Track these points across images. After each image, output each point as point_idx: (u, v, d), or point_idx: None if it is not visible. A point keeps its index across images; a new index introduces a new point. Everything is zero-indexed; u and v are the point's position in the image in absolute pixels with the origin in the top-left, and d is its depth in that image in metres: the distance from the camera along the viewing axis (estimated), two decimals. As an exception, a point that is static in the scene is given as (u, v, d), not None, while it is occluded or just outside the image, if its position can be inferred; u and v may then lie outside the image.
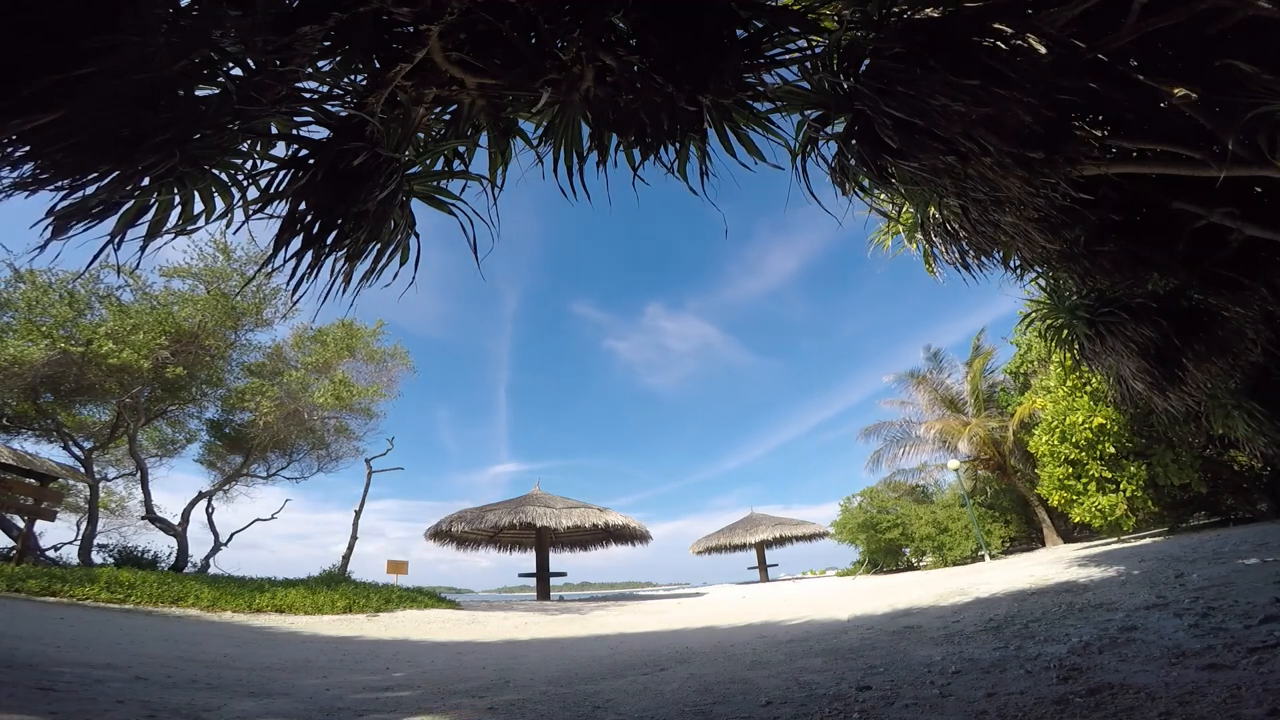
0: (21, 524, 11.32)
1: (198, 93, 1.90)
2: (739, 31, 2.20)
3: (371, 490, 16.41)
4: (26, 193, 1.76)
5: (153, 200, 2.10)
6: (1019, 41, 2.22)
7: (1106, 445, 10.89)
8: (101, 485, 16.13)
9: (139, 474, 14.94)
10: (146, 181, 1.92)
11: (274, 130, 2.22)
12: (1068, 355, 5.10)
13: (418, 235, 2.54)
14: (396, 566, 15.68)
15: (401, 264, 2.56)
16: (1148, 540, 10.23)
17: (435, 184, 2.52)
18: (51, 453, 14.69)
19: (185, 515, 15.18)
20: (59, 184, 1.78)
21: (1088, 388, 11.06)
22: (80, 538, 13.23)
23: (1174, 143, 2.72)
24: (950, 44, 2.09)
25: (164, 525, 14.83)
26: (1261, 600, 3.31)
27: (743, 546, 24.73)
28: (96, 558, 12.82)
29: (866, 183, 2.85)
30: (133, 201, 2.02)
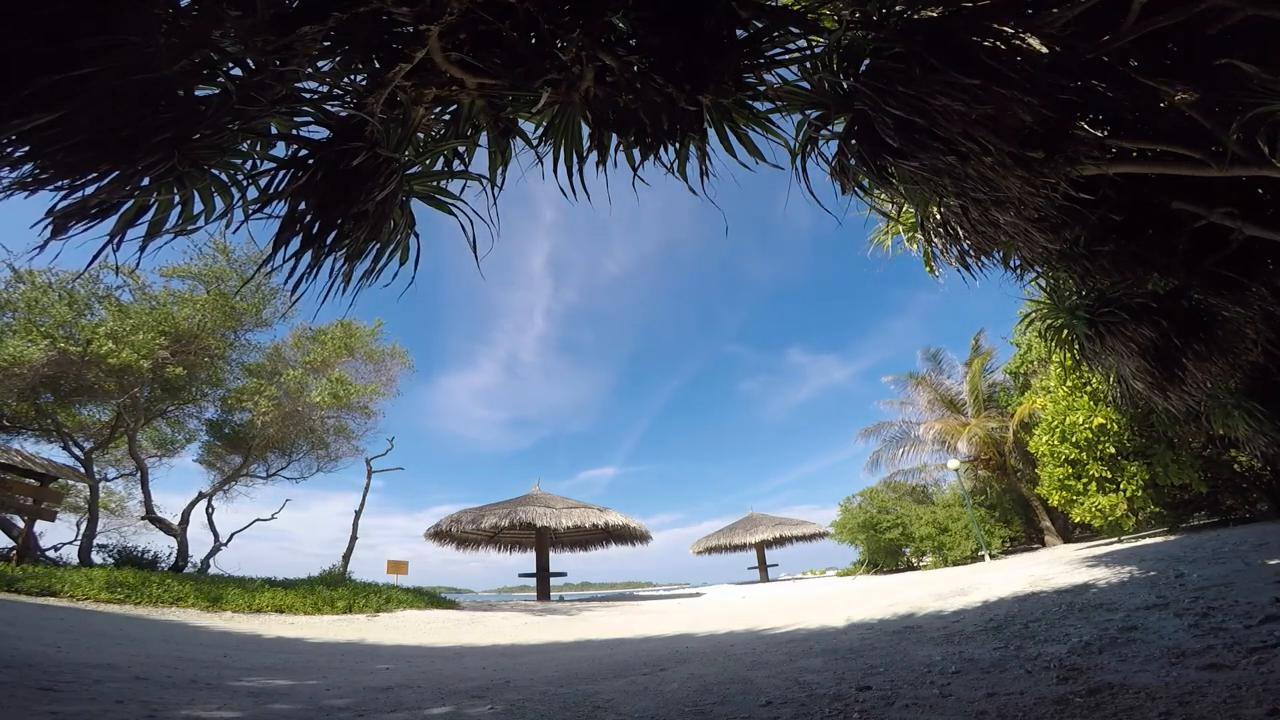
0: (21, 524, 11.30)
1: (198, 93, 1.90)
2: (739, 31, 2.20)
3: (438, 495, 16.58)
4: (26, 193, 1.76)
5: (152, 200, 2.10)
6: (1019, 41, 2.22)
7: (1106, 445, 10.88)
8: (101, 485, 16.12)
9: (139, 474, 14.93)
10: (146, 181, 1.92)
11: (274, 130, 2.22)
12: (1068, 355, 5.09)
13: (418, 235, 2.54)
14: (396, 566, 15.69)
15: (401, 264, 2.57)
16: (1148, 540, 10.23)
17: (435, 184, 2.52)
18: (51, 453, 14.65)
19: (185, 515, 15.17)
20: (59, 184, 1.78)
21: (1088, 388, 11.06)
22: (80, 538, 13.21)
23: (1174, 143, 2.72)
24: (950, 44, 2.09)
25: (164, 525, 14.82)
26: (1261, 600, 3.31)
27: (743, 547, 24.73)
28: (96, 558, 12.79)
29: (866, 183, 2.86)
30: (132, 201, 2.02)
